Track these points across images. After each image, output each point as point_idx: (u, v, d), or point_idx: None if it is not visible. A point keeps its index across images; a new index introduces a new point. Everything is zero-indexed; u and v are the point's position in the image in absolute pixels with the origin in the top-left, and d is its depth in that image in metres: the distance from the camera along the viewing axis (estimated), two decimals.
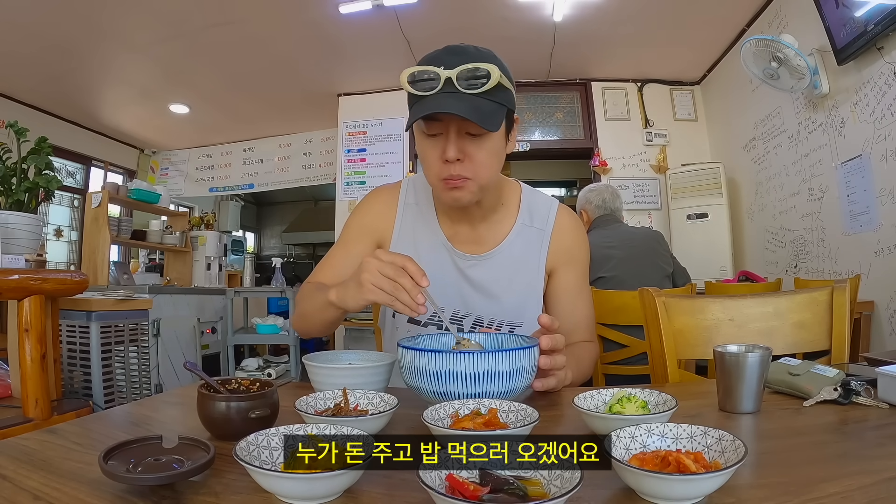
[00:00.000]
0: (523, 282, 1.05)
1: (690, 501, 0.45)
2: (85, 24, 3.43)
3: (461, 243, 1.06)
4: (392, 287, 0.76)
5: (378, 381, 0.81)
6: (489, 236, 1.06)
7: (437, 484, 0.43)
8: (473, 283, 1.05)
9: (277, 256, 4.69)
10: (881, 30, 2.29)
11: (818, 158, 2.94)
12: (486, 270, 1.05)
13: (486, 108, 0.85)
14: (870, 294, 2.54)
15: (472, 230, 1.06)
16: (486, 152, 0.90)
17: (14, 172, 1.88)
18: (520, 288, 1.05)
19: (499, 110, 0.88)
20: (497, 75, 0.84)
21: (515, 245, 1.06)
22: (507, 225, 1.07)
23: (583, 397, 0.67)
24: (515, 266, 1.06)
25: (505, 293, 1.04)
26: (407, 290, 0.76)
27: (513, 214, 1.08)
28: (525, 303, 1.05)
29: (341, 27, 3.56)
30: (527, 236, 1.07)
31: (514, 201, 1.09)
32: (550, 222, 1.08)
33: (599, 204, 2.45)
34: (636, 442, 0.52)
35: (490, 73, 0.84)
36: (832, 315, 1.09)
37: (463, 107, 0.83)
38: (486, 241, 1.06)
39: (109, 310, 2.08)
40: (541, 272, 1.06)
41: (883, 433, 0.64)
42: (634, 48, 3.97)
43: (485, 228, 1.06)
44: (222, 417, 0.63)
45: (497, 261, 1.05)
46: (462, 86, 0.84)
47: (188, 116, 5.13)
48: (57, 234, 4.87)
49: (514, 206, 1.09)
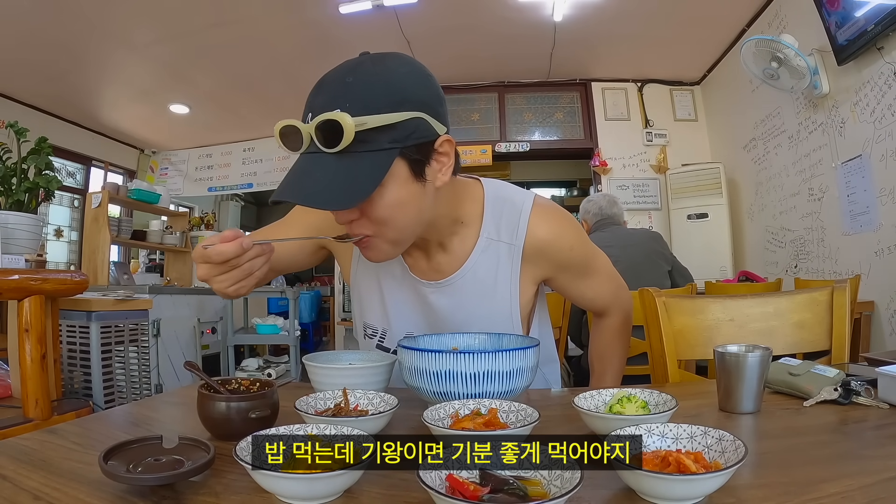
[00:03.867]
0: (494, 302, 0.93)
1: (691, 502, 0.45)
2: (85, 25, 3.43)
3: (420, 271, 0.94)
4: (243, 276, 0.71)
5: (378, 381, 0.81)
6: (450, 260, 0.92)
7: (437, 484, 0.43)
8: (437, 309, 0.94)
9: None
10: (881, 30, 2.29)
11: (818, 158, 2.94)
12: (449, 297, 0.93)
13: (352, 170, 0.69)
14: (870, 294, 2.54)
15: (429, 260, 0.93)
16: (385, 209, 0.73)
17: (14, 172, 1.88)
18: (490, 309, 0.93)
19: (371, 166, 0.69)
20: (350, 127, 0.66)
21: (480, 265, 0.91)
22: (469, 243, 0.91)
23: (583, 397, 0.67)
24: (482, 289, 0.92)
25: (473, 316, 0.92)
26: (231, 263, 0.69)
27: (475, 230, 0.91)
28: (500, 320, 0.93)
29: (341, 27, 3.56)
30: (494, 253, 0.91)
31: (477, 214, 0.91)
32: (521, 234, 0.90)
33: (596, 212, 2.52)
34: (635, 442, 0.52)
35: (342, 127, 0.66)
36: (832, 315, 1.08)
37: (310, 182, 0.69)
38: (446, 266, 0.92)
39: (109, 310, 2.08)
40: (514, 292, 0.93)
41: (883, 433, 0.64)
42: (634, 48, 3.98)
43: (443, 257, 0.92)
44: (222, 417, 0.63)
45: (459, 285, 0.92)
46: (321, 143, 0.68)
47: (188, 116, 5.13)
48: (57, 235, 4.87)
49: (477, 219, 0.91)
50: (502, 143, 4.48)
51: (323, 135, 0.68)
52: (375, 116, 0.68)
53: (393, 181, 0.72)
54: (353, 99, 0.68)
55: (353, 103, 0.68)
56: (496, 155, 4.41)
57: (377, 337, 1.00)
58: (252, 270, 0.71)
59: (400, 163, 0.72)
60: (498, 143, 4.47)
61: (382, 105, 0.69)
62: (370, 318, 1.01)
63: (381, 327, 1.00)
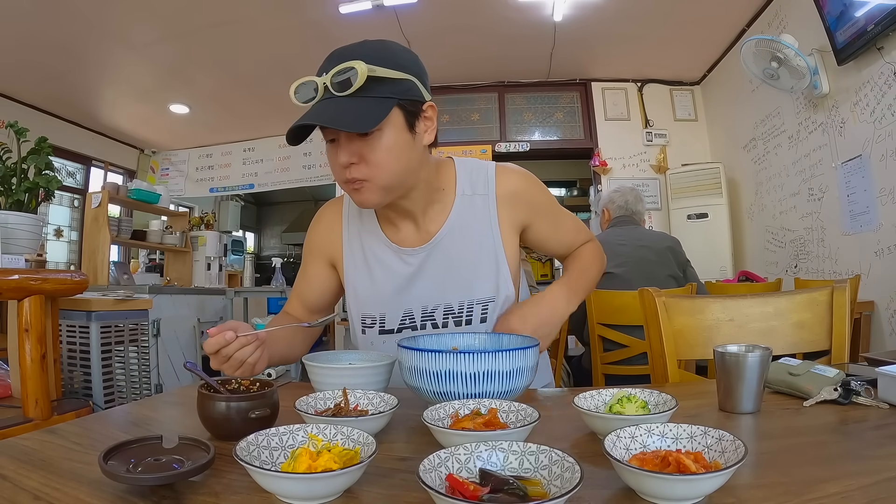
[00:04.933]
0: (480, 252, 1.00)
1: (690, 501, 0.45)
2: (85, 24, 3.43)
3: (405, 241, 1.02)
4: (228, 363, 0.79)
5: (378, 381, 0.81)
6: (431, 225, 1.01)
7: (437, 484, 0.43)
8: (428, 275, 1.01)
9: (277, 256, 4.68)
10: (881, 30, 2.29)
11: (818, 158, 2.94)
12: (437, 257, 1.00)
13: (362, 107, 0.81)
14: (870, 294, 2.54)
15: (415, 225, 1.02)
16: (382, 152, 0.85)
17: (14, 172, 1.88)
18: (478, 260, 1.00)
19: (378, 107, 0.82)
20: (363, 70, 0.80)
21: (461, 219, 1.01)
22: (447, 205, 1.02)
23: (583, 397, 0.67)
24: (467, 240, 1.00)
25: (464, 271, 1.00)
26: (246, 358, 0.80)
27: (451, 193, 1.02)
28: (491, 274, 1.00)
29: (341, 27, 3.56)
30: (470, 206, 1.01)
31: (451, 179, 1.03)
32: (492, 184, 1.02)
33: (622, 204, 2.44)
34: (636, 442, 0.52)
35: (356, 70, 0.80)
36: (832, 315, 1.09)
37: (329, 113, 0.81)
38: (429, 230, 1.01)
39: (109, 310, 2.08)
40: (496, 237, 1.01)
41: (883, 433, 0.64)
42: (634, 48, 3.97)
43: (427, 219, 1.01)
44: (222, 417, 0.63)
45: (445, 243, 1.00)
46: (336, 89, 0.82)
47: (188, 116, 5.13)
48: (57, 234, 4.87)
49: (451, 183, 1.03)
50: (502, 143, 4.48)
51: (338, 83, 0.81)
52: (381, 69, 0.82)
53: (390, 127, 0.85)
54: (363, 56, 0.82)
55: (364, 58, 0.81)
56: (496, 155, 4.41)
57: (377, 325, 1.03)
58: (243, 359, 0.80)
59: (397, 112, 0.86)
60: (498, 143, 4.47)
61: (386, 63, 0.83)
62: (366, 309, 1.04)
63: (378, 313, 1.03)
